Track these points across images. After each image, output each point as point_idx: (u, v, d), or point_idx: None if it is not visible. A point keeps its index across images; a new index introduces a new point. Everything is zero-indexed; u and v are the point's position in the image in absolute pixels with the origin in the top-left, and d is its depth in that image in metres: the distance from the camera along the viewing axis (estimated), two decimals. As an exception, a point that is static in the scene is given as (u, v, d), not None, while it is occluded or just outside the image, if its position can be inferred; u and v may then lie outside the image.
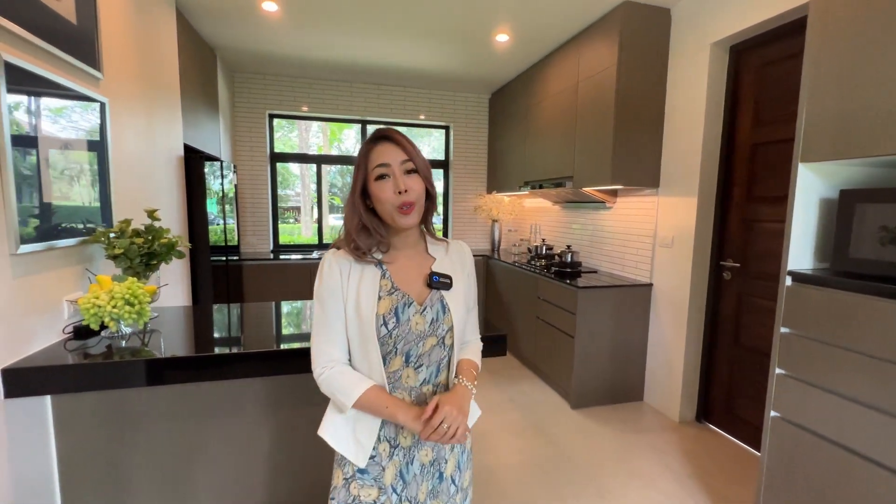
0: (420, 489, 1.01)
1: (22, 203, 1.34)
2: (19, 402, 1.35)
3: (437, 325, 0.97)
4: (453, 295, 1.00)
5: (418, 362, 0.97)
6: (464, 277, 1.04)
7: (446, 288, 0.99)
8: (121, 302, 1.50)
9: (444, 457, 1.03)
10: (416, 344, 0.96)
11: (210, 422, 1.64)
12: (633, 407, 2.93)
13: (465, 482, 1.09)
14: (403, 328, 0.95)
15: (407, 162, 0.94)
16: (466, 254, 1.08)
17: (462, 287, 1.03)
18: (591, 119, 3.00)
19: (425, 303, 0.97)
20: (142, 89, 2.23)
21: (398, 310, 0.95)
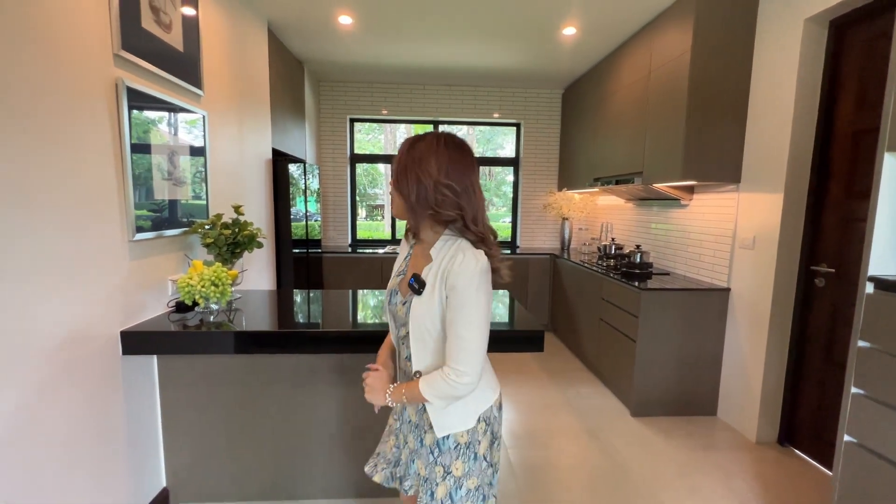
0: (408, 438, 1.16)
1: (137, 200, 1.67)
2: (133, 358, 1.69)
3: (406, 318, 1.05)
4: (420, 301, 1.01)
5: (401, 341, 1.12)
6: (437, 290, 0.98)
7: (416, 293, 1.02)
8: (208, 283, 1.78)
9: (423, 427, 1.11)
10: (399, 327, 1.11)
11: (274, 389, 1.88)
12: (703, 421, 2.70)
13: (455, 469, 1.07)
14: (392, 310, 1.12)
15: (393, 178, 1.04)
16: (452, 269, 0.96)
17: (435, 298, 0.98)
18: (662, 110, 2.81)
19: (406, 297, 1.07)
20: (235, 101, 2.58)
21: (391, 293, 1.13)
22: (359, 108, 4.72)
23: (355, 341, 1.72)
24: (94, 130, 1.46)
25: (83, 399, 1.45)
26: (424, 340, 1.03)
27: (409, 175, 0.98)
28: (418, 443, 1.12)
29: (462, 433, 1.07)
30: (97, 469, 1.52)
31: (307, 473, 1.93)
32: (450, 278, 0.96)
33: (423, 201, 0.98)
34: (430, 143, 0.99)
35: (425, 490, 1.10)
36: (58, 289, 1.34)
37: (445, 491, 1.07)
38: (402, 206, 1.02)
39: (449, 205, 0.98)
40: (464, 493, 1.08)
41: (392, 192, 1.04)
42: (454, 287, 0.96)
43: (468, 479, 1.08)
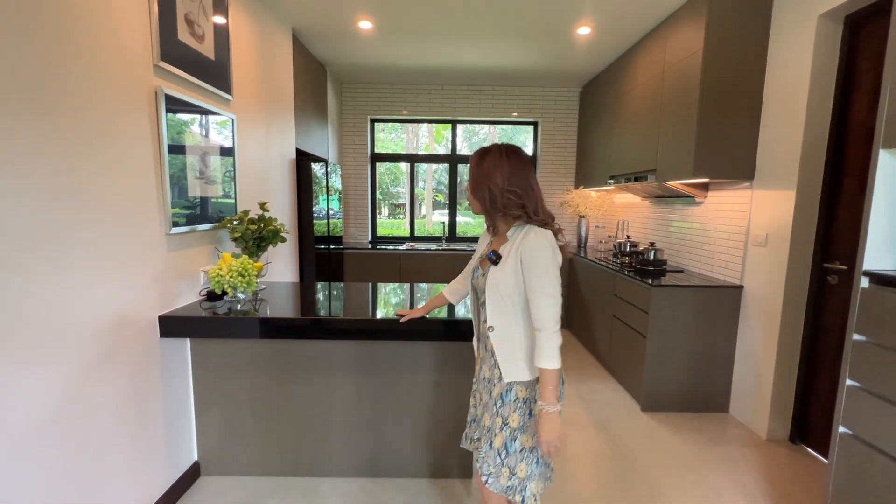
0: (482, 395, 1.38)
1: (174, 197, 1.83)
2: (169, 341, 1.86)
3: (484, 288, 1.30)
4: (496, 270, 1.27)
5: (482, 307, 1.37)
6: (512, 260, 1.23)
7: (494, 263, 1.28)
8: (235, 273, 1.94)
9: (493, 381, 1.32)
10: (481, 295, 1.35)
11: (296, 374, 2.02)
12: (714, 418, 2.71)
13: (512, 421, 1.26)
14: (475, 283, 1.41)
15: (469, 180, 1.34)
16: (525, 244, 1.22)
17: (509, 266, 1.24)
18: (675, 108, 2.83)
19: (486, 270, 1.32)
20: (262, 104, 2.75)
21: (474, 270, 1.41)
22: (379, 109, 4.86)
23: (372, 331, 1.84)
24: (136, 133, 1.63)
25: (126, 377, 1.62)
26: (498, 303, 1.26)
27: (481, 186, 1.27)
28: (488, 395, 1.34)
29: (522, 388, 1.27)
30: (137, 442, 1.69)
31: (325, 453, 2.07)
32: (524, 252, 1.21)
33: (494, 206, 1.26)
34: (495, 156, 1.26)
35: (486, 440, 1.31)
36: (103, 276, 1.50)
37: (501, 441, 1.26)
38: (479, 208, 1.32)
39: (514, 206, 1.24)
40: (518, 448, 1.26)
41: (469, 198, 1.34)
42: (530, 258, 1.20)
43: (522, 433, 1.26)
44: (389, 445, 2.06)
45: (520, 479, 1.26)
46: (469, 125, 5.26)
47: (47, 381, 1.31)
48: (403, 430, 2.05)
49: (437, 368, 2.01)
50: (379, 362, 2.01)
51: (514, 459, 1.26)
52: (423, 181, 5.74)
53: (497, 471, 1.27)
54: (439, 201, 5.76)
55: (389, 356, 2.00)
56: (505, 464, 1.26)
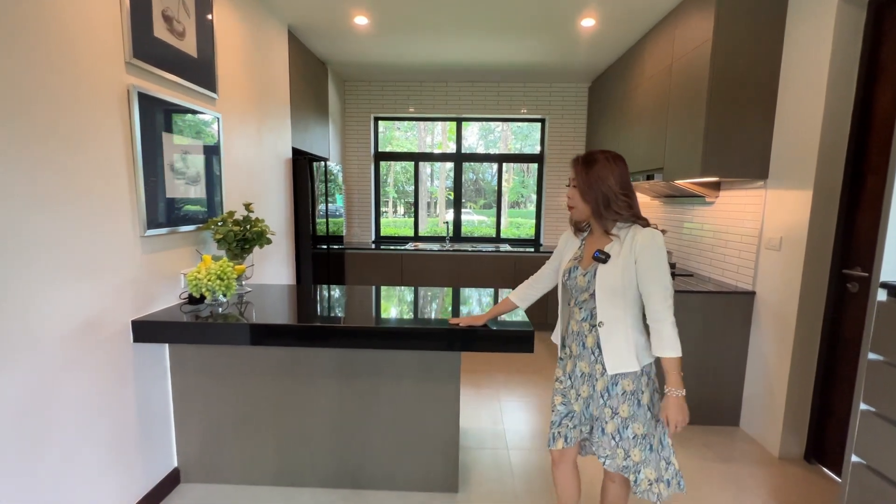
0: (581, 390, 1.44)
1: (149, 198, 1.78)
2: (145, 346, 1.81)
3: (591, 284, 1.36)
4: (606, 267, 1.33)
5: (579, 306, 1.43)
6: (624, 258, 1.31)
7: (603, 262, 1.33)
8: (214, 276, 1.88)
9: (595, 376, 1.40)
10: (579, 293, 1.41)
11: (278, 380, 1.96)
12: (723, 431, 2.55)
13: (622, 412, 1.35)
14: (572, 283, 1.43)
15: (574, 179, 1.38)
16: (639, 243, 1.29)
17: (620, 264, 1.31)
18: (682, 103, 2.67)
19: (588, 269, 1.38)
20: (253, 103, 2.70)
21: (570, 271, 1.44)
22: (383, 107, 4.79)
23: (354, 337, 1.76)
24: (106, 133, 1.58)
25: (94, 382, 1.58)
26: (609, 299, 1.33)
27: (594, 189, 1.32)
28: (591, 389, 1.41)
29: (627, 381, 1.34)
30: (108, 447, 1.65)
31: (307, 463, 2.00)
32: (640, 251, 1.28)
33: (608, 208, 1.32)
34: (604, 162, 1.32)
35: (597, 427, 1.40)
36: (71, 279, 1.46)
37: (614, 427, 1.36)
38: (587, 212, 1.37)
39: (625, 206, 1.32)
40: (630, 435, 1.34)
41: (574, 202, 1.38)
42: (649, 255, 1.27)
43: (633, 422, 1.34)
44: (373, 456, 1.99)
45: (634, 462, 1.35)
46: (483, 124, 5.15)
47: (8, 385, 1.26)
48: (387, 440, 1.97)
49: (422, 378, 1.93)
50: (362, 370, 1.93)
51: (627, 444, 1.35)
52: (437, 179, 5.64)
53: (613, 452, 1.37)
54: (451, 200, 5.66)
55: (373, 364, 1.92)
56: (620, 446, 1.36)
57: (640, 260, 1.28)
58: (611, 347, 1.33)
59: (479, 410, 2.76)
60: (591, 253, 1.39)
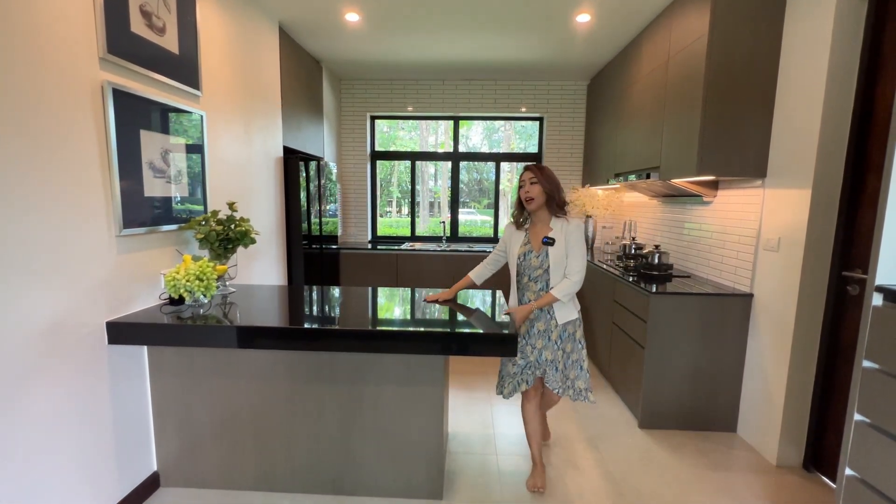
0: (536, 343, 1.98)
1: (126, 197, 1.74)
2: (121, 348, 1.78)
3: (544, 262, 1.90)
4: (555, 248, 1.88)
5: (534, 280, 1.95)
6: (562, 240, 1.88)
7: (551, 245, 1.88)
8: (193, 277, 1.84)
9: (550, 329, 1.97)
10: (533, 271, 1.94)
11: (260, 383, 1.91)
12: (719, 438, 2.48)
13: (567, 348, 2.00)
14: (526, 264, 1.95)
15: (533, 178, 1.90)
16: (570, 229, 1.90)
17: (560, 245, 1.88)
18: (678, 99, 2.60)
19: (540, 252, 1.91)
20: (241, 101, 2.66)
21: (523, 255, 1.96)
22: (379, 106, 4.74)
23: (338, 340, 1.71)
24: (78, 131, 1.54)
25: (65, 385, 1.54)
26: (558, 269, 1.89)
27: (550, 184, 1.89)
28: (546, 340, 1.97)
29: (571, 325, 1.98)
30: (81, 452, 1.61)
31: (287, 468, 1.96)
32: (571, 234, 1.89)
33: (555, 201, 1.90)
34: (549, 169, 1.94)
35: (551, 367, 1.97)
36: (39, 280, 1.42)
37: (563, 363, 1.99)
38: (542, 202, 1.90)
39: (562, 203, 1.93)
40: (570, 362, 2.01)
41: (534, 194, 1.88)
42: (577, 237, 1.89)
43: (573, 353, 2.01)
44: (356, 462, 1.94)
45: (572, 380, 2.02)
46: (487, 124, 5.09)
47: (-38, 393, 1.23)
48: (370, 446, 1.92)
49: (406, 382, 1.87)
50: (345, 374, 1.89)
51: (568, 370, 2.00)
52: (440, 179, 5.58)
53: (563, 383, 2.00)
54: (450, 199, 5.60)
55: (356, 368, 1.88)
56: (565, 374, 2.00)
57: (569, 239, 1.88)
58: (560, 304, 1.92)
59: (470, 414, 2.71)
60: (536, 241, 1.93)
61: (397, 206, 5.36)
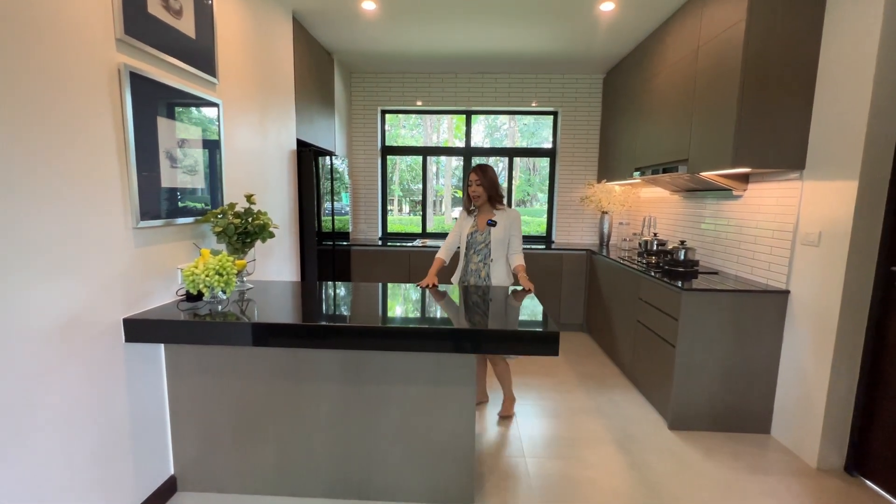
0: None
1: (143, 187, 1.65)
2: (138, 346, 1.69)
3: (486, 238, 2.43)
4: (497, 229, 2.42)
5: (477, 253, 2.46)
6: (505, 225, 2.42)
7: (493, 226, 2.42)
8: (212, 272, 1.75)
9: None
10: (478, 246, 2.46)
11: (280, 383, 1.83)
12: (753, 439, 2.40)
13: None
14: (472, 242, 2.47)
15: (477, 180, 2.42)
16: (512, 217, 2.45)
17: (501, 228, 2.42)
18: (711, 89, 2.50)
19: (484, 231, 2.44)
20: (256, 91, 2.57)
21: (471, 235, 2.47)
22: (390, 100, 4.65)
23: (364, 338, 1.63)
24: (94, 116, 1.45)
25: (80, 385, 1.45)
26: (497, 246, 2.41)
27: (490, 182, 2.41)
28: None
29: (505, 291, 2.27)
30: (98, 453, 1.53)
31: (310, 471, 1.87)
32: (513, 221, 2.44)
33: (496, 196, 2.44)
34: (491, 168, 2.44)
35: None
36: (54, 274, 1.33)
37: None
38: (485, 198, 2.44)
39: (501, 198, 2.48)
40: None
41: (479, 193, 2.42)
42: (517, 223, 2.45)
43: None
44: (380, 465, 1.85)
45: None
46: (489, 122, 5.01)
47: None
48: (396, 448, 1.84)
49: (434, 381, 1.79)
50: (370, 373, 1.80)
51: None
52: (442, 178, 5.49)
53: None
54: (459, 198, 5.52)
55: (382, 367, 1.79)
56: None
57: (512, 225, 2.43)
58: (497, 273, 2.43)
59: (491, 413, 2.62)
60: (482, 223, 2.45)
61: (399, 206, 5.25)
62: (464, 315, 1.88)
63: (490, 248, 2.41)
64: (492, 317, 1.88)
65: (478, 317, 1.88)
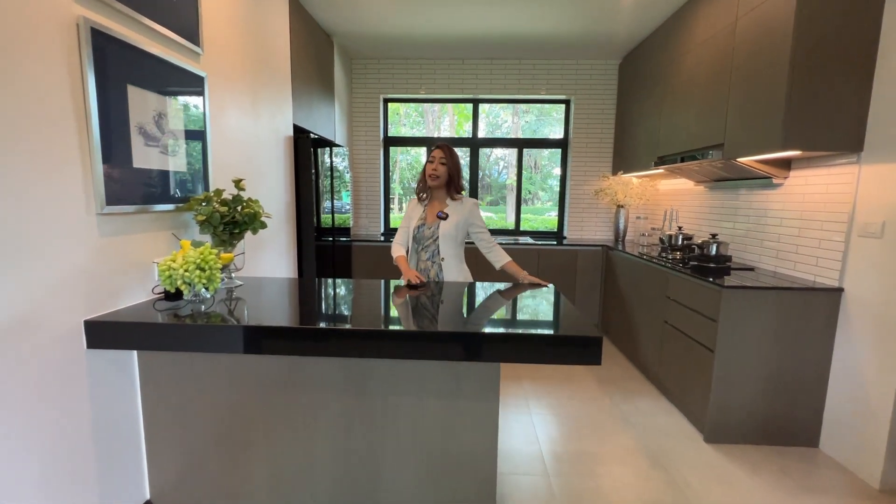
0: None
1: (109, 166, 1.41)
2: (104, 353, 1.44)
3: (434, 233, 2.08)
4: (447, 223, 2.07)
5: (425, 250, 2.11)
6: (456, 218, 2.07)
7: (444, 219, 2.07)
8: (192, 266, 1.51)
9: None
10: (425, 241, 2.10)
11: (271, 393, 1.58)
12: (800, 454, 2.16)
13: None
14: (420, 235, 2.11)
15: (443, 158, 2.04)
16: (470, 209, 2.10)
17: (452, 221, 2.07)
18: (753, 65, 2.26)
19: (432, 225, 2.09)
20: (246, 68, 2.32)
21: (418, 228, 2.12)
22: (393, 87, 4.40)
23: (365, 340, 1.38)
24: (46, 79, 1.20)
25: (30, 401, 1.21)
26: (448, 242, 2.08)
27: (456, 171, 2.06)
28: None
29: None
30: (55, 477, 1.28)
31: (306, 494, 1.62)
32: (471, 213, 2.10)
33: (455, 182, 2.08)
34: (456, 153, 2.08)
35: None
36: (-9, 267, 1.09)
37: None
38: (444, 183, 2.08)
39: (460, 186, 2.10)
40: None
41: (441, 173, 2.04)
42: (477, 215, 2.12)
43: None
44: (390, 486, 1.61)
45: None
46: (491, 120, 4.75)
47: None
48: (407, 468, 1.59)
49: (451, 393, 1.54)
50: (376, 382, 1.55)
51: None
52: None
53: None
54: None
55: (390, 375, 1.55)
56: None
57: (472, 217, 2.09)
58: (450, 273, 2.10)
59: (510, 427, 2.38)
60: (432, 215, 2.10)
61: (399, 204, 5.00)
62: (486, 315, 1.63)
63: (438, 245, 2.07)
64: (518, 318, 1.64)
65: (502, 319, 1.63)
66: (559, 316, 1.61)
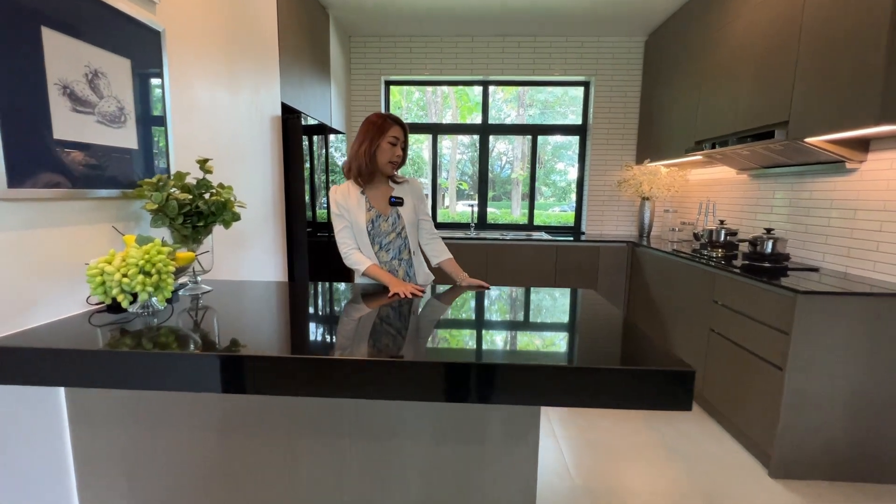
0: None
1: (13, 134, 1.04)
2: (10, 390, 1.08)
3: (396, 225, 1.70)
4: (405, 208, 1.70)
5: (385, 248, 1.71)
6: (410, 200, 1.71)
7: (400, 205, 1.70)
8: (133, 269, 1.14)
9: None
10: (385, 237, 1.70)
11: (240, 436, 1.22)
12: (892, 494, 1.79)
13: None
14: (377, 230, 1.68)
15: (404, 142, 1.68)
16: (417, 188, 1.75)
17: (409, 205, 1.71)
18: (833, 26, 1.87)
19: (389, 214, 1.69)
20: (221, 31, 1.94)
21: (372, 221, 1.67)
22: (395, 69, 4.01)
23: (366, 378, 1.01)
24: None
25: None
26: (413, 230, 1.74)
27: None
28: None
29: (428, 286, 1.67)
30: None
31: (289, 563, 1.26)
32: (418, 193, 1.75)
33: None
34: None
35: None
36: None
37: None
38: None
39: None
40: None
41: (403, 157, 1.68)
42: (421, 194, 1.77)
43: None
44: (394, 555, 1.24)
45: None
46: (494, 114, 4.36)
47: None
48: (417, 531, 1.23)
49: (473, 436, 1.18)
50: (375, 421, 1.19)
51: None
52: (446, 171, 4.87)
53: None
54: (463, 190, 4.92)
55: (392, 412, 1.18)
56: None
57: (418, 198, 1.75)
58: (421, 271, 1.78)
59: (534, 454, 2.01)
60: (381, 204, 1.68)
61: None
62: (516, 335, 1.26)
63: (405, 238, 1.70)
64: (555, 337, 1.26)
65: (548, 342, 1.26)
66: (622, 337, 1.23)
